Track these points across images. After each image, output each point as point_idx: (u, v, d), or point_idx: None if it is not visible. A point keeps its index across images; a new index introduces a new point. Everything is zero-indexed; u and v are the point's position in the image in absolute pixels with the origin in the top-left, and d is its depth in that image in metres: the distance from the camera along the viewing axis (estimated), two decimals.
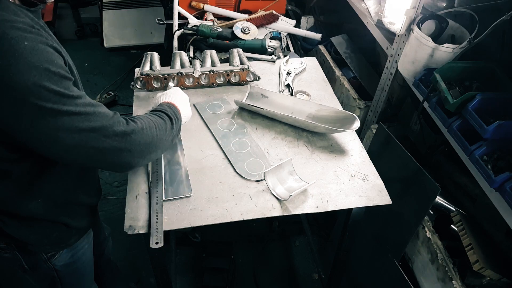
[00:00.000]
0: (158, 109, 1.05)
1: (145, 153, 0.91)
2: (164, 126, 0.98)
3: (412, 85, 1.51)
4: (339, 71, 2.07)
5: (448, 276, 1.22)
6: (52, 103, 0.73)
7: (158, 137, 0.94)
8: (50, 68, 0.73)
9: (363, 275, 1.72)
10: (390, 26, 1.62)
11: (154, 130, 0.93)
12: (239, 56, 1.57)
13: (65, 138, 0.77)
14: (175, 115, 1.05)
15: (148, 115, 0.98)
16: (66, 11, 4.07)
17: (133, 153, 0.88)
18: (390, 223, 1.49)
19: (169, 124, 1.01)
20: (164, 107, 1.06)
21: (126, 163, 0.88)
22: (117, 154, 0.85)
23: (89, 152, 0.81)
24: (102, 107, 0.85)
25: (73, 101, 0.77)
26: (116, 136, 0.84)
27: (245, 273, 2.03)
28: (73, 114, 0.77)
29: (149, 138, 0.91)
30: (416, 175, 1.34)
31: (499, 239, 1.27)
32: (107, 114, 0.84)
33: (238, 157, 1.23)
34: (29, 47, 0.70)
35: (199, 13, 2.18)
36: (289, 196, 1.07)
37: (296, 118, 1.31)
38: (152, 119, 0.96)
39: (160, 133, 0.95)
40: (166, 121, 1.00)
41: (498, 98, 1.24)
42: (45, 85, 0.71)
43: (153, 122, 0.95)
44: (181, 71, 1.46)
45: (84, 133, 0.79)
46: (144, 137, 0.90)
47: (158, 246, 0.96)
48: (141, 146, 0.89)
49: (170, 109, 1.06)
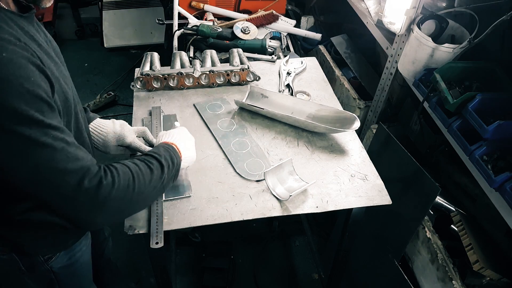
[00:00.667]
0: (151, 152, 0.93)
1: (112, 214, 0.80)
2: (149, 176, 0.85)
3: (412, 85, 1.51)
4: (339, 71, 2.06)
5: (448, 276, 1.22)
6: (15, 124, 0.64)
7: (136, 193, 0.82)
8: (24, 85, 0.64)
9: (363, 275, 1.72)
10: (390, 26, 1.62)
11: (132, 187, 0.81)
12: (239, 56, 1.57)
13: (18, 167, 0.68)
14: (170, 159, 0.94)
15: (134, 162, 0.86)
16: (66, 11, 4.07)
17: (94, 213, 0.76)
18: (390, 223, 1.49)
19: (158, 172, 0.88)
20: (160, 150, 0.94)
21: (85, 222, 0.77)
22: (73, 209, 0.74)
23: (41, 195, 0.72)
24: (80, 151, 0.75)
25: (43, 129, 0.67)
26: (77, 190, 0.72)
27: (245, 273, 2.03)
28: (36, 143, 0.67)
29: (121, 199, 0.79)
30: (416, 175, 1.34)
31: (499, 239, 1.26)
32: (79, 159, 0.73)
33: (238, 157, 1.23)
34: (6, 59, 0.63)
35: (199, 13, 2.18)
36: (289, 196, 1.07)
37: (296, 118, 1.31)
38: (134, 169, 0.83)
39: (141, 186, 0.82)
40: (154, 169, 0.87)
41: (498, 98, 1.24)
42: (12, 102, 0.63)
43: (134, 174, 0.82)
44: (181, 71, 1.46)
45: (41, 169, 0.68)
46: (117, 197, 0.77)
47: (158, 246, 0.96)
48: (108, 208, 0.77)
49: (167, 152, 0.95)
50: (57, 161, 0.70)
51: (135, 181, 0.81)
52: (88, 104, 2.99)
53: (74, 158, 0.72)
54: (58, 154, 0.70)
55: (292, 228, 2.26)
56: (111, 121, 1.15)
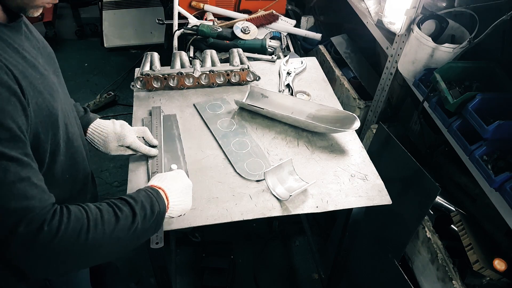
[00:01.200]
0: (126, 197, 0.82)
1: (57, 265, 0.70)
2: (112, 226, 0.74)
3: (412, 85, 1.51)
4: (339, 71, 2.07)
5: (448, 276, 1.22)
6: None
7: (90, 244, 0.71)
8: None
9: (363, 275, 1.72)
10: (390, 26, 1.62)
11: (84, 236, 0.70)
12: (239, 56, 1.57)
13: None
14: (150, 207, 0.82)
15: (98, 207, 0.76)
16: (66, 11, 4.07)
17: (31, 262, 0.67)
18: (390, 223, 1.49)
19: (126, 222, 0.77)
20: (139, 195, 0.83)
21: (24, 269, 0.69)
22: (8, 253, 0.66)
23: None
24: (33, 189, 0.67)
25: None
26: (12, 233, 0.64)
27: (245, 273, 2.03)
28: None
29: (66, 248, 0.69)
30: (416, 175, 1.34)
31: (499, 239, 1.26)
32: (27, 198, 0.66)
33: (238, 157, 1.23)
34: None
35: (199, 13, 2.18)
36: (289, 196, 1.07)
37: (296, 118, 1.31)
38: (93, 215, 0.73)
39: (97, 236, 0.72)
40: (121, 218, 0.76)
41: (498, 98, 1.24)
42: None
43: (90, 222, 0.72)
44: (181, 71, 1.46)
45: None
46: (60, 247, 0.68)
47: (158, 246, 0.96)
48: (49, 258, 0.68)
49: (148, 198, 0.83)
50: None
51: (89, 230, 0.71)
52: (88, 104, 2.99)
53: (20, 196, 0.65)
54: (3, 189, 0.64)
55: (292, 228, 2.26)
56: (111, 121, 1.15)
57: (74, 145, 0.94)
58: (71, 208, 0.73)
